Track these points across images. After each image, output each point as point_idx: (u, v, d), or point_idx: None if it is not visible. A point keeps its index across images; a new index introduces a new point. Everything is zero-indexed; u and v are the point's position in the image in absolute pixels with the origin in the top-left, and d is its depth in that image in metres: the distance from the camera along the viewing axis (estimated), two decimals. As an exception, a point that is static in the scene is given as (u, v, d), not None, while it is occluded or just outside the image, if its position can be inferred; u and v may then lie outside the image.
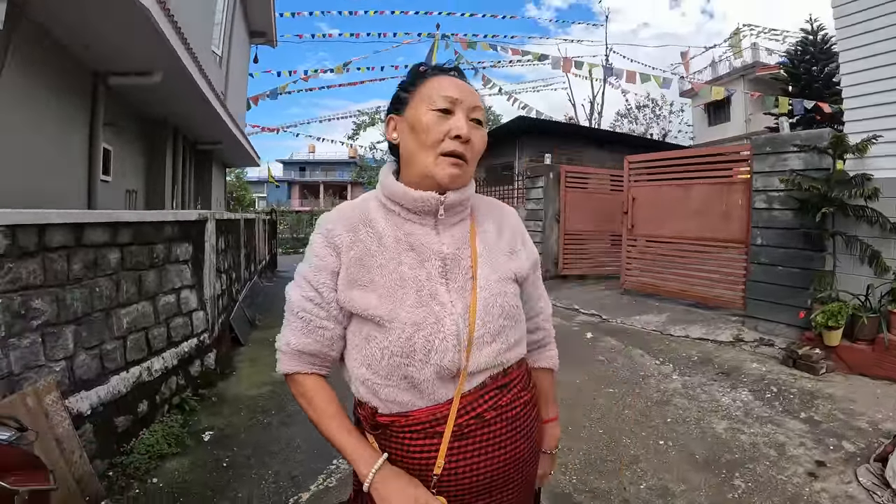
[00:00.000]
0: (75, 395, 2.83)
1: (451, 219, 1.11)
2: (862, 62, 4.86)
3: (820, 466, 3.04)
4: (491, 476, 1.06)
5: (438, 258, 1.07)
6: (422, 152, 1.05)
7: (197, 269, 4.35)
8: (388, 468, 1.02)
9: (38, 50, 4.59)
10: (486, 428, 1.05)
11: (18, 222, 2.52)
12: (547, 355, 1.34)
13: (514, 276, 1.15)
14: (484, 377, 1.07)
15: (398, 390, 1.03)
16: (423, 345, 1.00)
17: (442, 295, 1.04)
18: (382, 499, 0.98)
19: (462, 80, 1.11)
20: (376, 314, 1.01)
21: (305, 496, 2.83)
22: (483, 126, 1.11)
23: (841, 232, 4.87)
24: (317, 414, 1.08)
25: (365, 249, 1.06)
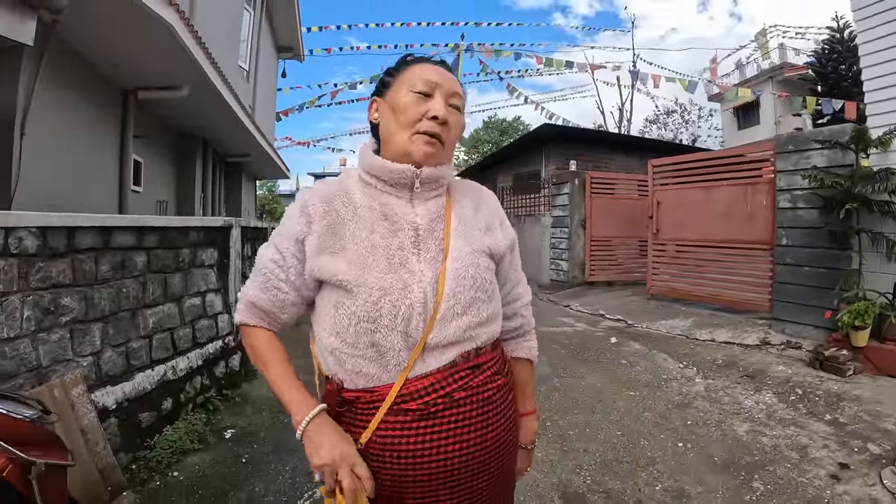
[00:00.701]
0: (101, 390, 2.95)
1: (426, 193, 1.13)
2: (881, 54, 4.78)
3: (843, 469, 2.95)
4: (463, 459, 1.05)
5: (412, 228, 1.09)
6: (400, 131, 1.09)
7: (222, 273, 4.47)
8: (324, 418, 1.03)
9: (68, 68, 4.82)
10: (455, 409, 1.04)
11: (48, 224, 2.67)
12: (525, 345, 1.32)
13: (489, 250, 1.15)
14: (454, 354, 1.05)
15: (364, 360, 1.03)
16: (390, 310, 1.00)
17: (412, 264, 1.05)
18: (314, 446, 0.99)
19: (441, 68, 1.15)
20: (345, 279, 1.02)
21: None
22: (461, 112, 1.15)
23: (866, 229, 4.75)
24: (262, 362, 1.11)
25: (338, 217, 1.08)
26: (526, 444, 1.31)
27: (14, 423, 1.58)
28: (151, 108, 6.64)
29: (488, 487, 1.11)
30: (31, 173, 4.10)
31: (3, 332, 2.40)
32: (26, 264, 2.54)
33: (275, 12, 11.49)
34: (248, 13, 9.35)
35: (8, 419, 1.56)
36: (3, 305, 2.41)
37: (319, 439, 0.99)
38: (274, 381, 1.09)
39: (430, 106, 1.08)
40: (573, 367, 4.98)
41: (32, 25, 3.01)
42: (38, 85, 4.10)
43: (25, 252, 2.54)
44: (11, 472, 1.44)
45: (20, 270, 2.51)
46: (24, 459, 1.48)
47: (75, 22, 3.97)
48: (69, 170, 4.97)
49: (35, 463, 1.50)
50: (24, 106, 4.01)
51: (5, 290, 2.43)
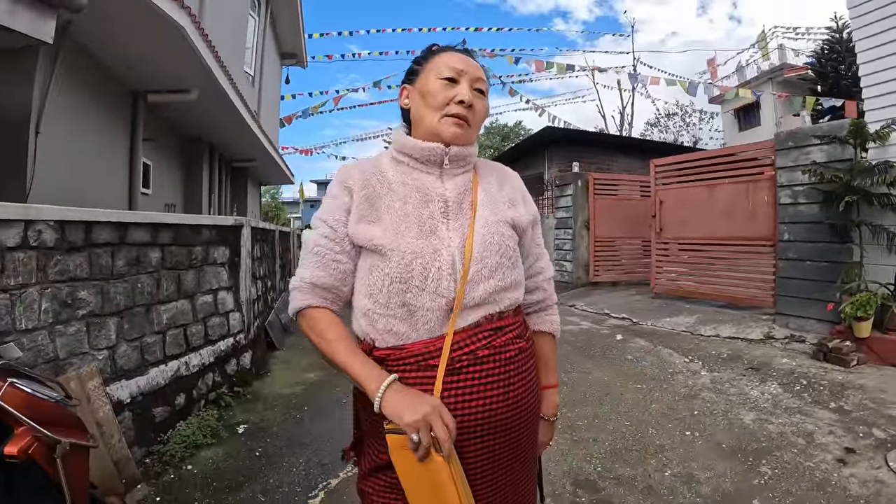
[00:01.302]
0: (116, 384, 3.00)
1: (454, 169, 1.21)
2: (877, 50, 4.86)
3: (849, 453, 3.00)
4: (486, 415, 1.08)
5: (441, 200, 1.16)
6: (429, 114, 1.18)
7: (233, 272, 4.54)
8: (398, 385, 1.04)
9: (81, 69, 4.90)
10: (478, 365, 1.09)
11: (67, 218, 2.73)
12: (548, 319, 1.37)
13: (513, 221, 1.22)
14: (479, 316, 1.11)
15: (395, 320, 1.09)
16: (421, 271, 1.07)
17: (442, 231, 1.13)
18: (401, 406, 0.99)
19: (467, 56, 1.23)
20: (380, 244, 1.09)
21: (334, 482, 2.91)
22: (485, 96, 1.23)
23: (866, 221, 4.80)
24: (326, 342, 1.11)
25: (374, 191, 1.16)
26: (548, 416, 1.36)
27: (39, 402, 1.60)
28: (160, 112, 6.73)
29: (512, 447, 1.14)
30: (45, 172, 4.17)
31: (21, 324, 2.44)
32: (45, 257, 2.60)
33: (279, 19, 11.61)
34: (253, 20, 9.47)
35: (34, 399, 1.57)
36: (22, 297, 2.46)
37: (405, 400, 1.00)
38: (343, 359, 1.08)
39: (457, 91, 1.17)
40: (580, 363, 5.02)
41: (52, 24, 3.08)
42: (52, 85, 4.18)
43: (44, 245, 2.59)
44: (37, 450, 1.46)
45: (39, 263, 2.56)
46: (51, 438, 1.50)
47: (89, 23, 4.04)
48: (82, 170, 5.04)
49: (60, 442, 1.52)
50: (39, 105, 4.09)
51: (24, 282, 2.48)
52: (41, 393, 1.66)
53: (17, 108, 4.02)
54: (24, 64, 4.02)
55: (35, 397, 1.60)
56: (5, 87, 3.99)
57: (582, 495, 2.71)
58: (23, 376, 1.66)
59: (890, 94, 4.77)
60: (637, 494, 2.70)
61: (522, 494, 1.22)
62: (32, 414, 1.50)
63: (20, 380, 1.59)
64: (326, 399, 4.26)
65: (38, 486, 1.50)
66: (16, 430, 1.45)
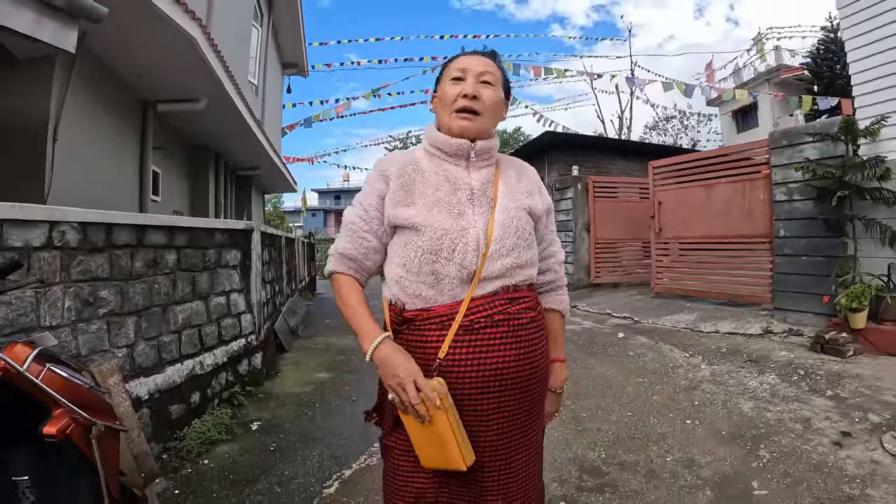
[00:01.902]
0: (135, 381, 3.11)
1: (479, 162, 1.38)
2: (866, 48, 5.01)
3: (845, 437, 3.10)
4: (497, 370, 1.24)
5: (468, 188, 1.34)
6: (443, 112, 1.37)
7: (245, 274, 4.65)
8: (390, 343, 1.23)
9: (95, 78, 5.04)
10: (494, 327, 1.24)
11: (89, 220, 2.84)
12: (558, 298, 1.53)
13: (529, 209, 1.38)
14: (497, 286, 1.27)
15: (424, 286, 1.26)
16: (449, 245, 1.25)
17: (468, 214, 1.30)
18: (385, 366, 1.20)
19: (475, 55, 1.40)
20: (415, 221, 1.27)
21: (348, 473, 3.00)
22: (495, 85, 1.38)
23: (859, 215, 4.93)
24: (343, 302, 1.34)
25: (409, 179, 1.33)
26: (555, 388, 1.50)
27: (75, 387, 1.66)
28: (168, 121, 6.87)
29: (520, 402, 1.29)
30: (61, 178, 4.30)
31: (45, 320, 2.55)
32: (68, 257, 2.71)
33: (280, 29, 11.78)
34: (256, 30, 9.63)
35: (70, 383, 1.64)
36: (47, 295, 2.57)
37: (390, 360, 1.20)
38: (353, 316, 1.30)
39: (462, 87, 1.33)
40: (583, 360, 5.13)
41: (75, 34, 3.21)
42: (68, 94, 4.33)
43: (67, 245, 2.71)
44: (74, 430, 1.52)
45: (62, 262, 2.68)
46: (87, 420, 1.58)
47: (103, 33, 4.17)
48: (95, 176, 5.17)
49: (96, 423, 1.60)
50: (56, 113, 4.24)
51: (49, 281, 2.59)
52: (76, 378, 1.76)
53: (35, 115, 4.17)
54: (41, 73, 4.18)
55: (71, 382, 1.67)
56: (25, 95, 4.15)
57: (587, 479, 2.81)
58: (59, 362, 1.75)
59: (879, 91, 4.90)
60: (640, 478, 2.80)
61: (528, 450, 1.35)
62: (69, 397, 1.56)
63: (57, 365, 1.69)
64: (337, 397, 4.37)
65: (74, 465, 1.57)
66: (54, 411, 1.52)
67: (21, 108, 4.16)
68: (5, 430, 1.49)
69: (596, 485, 2.75)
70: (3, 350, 1.45)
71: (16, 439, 1.49)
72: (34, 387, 1.45)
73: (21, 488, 1.47)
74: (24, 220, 2.49)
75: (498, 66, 1.41)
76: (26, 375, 1.43)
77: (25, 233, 2.50)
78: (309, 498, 2.72)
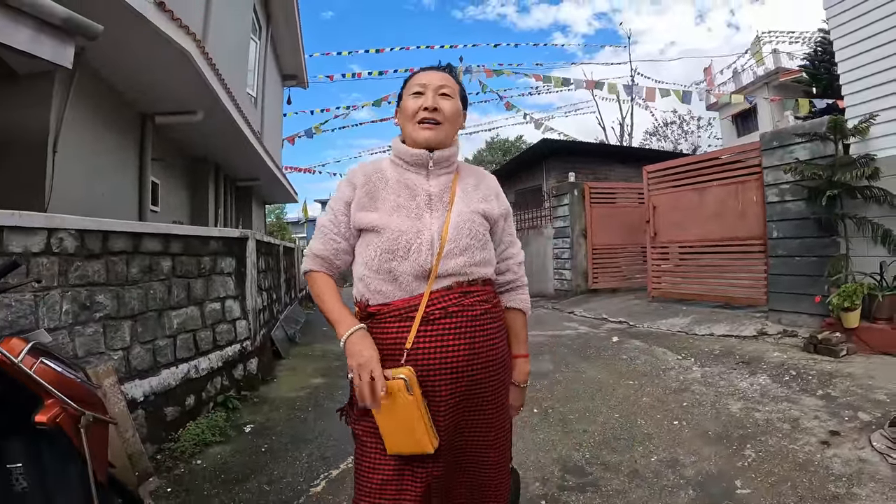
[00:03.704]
0: (130, 382, 3.19)
1: (438, 170, 1.49)
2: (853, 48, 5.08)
3: (833, 435, 3.10)
4: (454, 357, 1.34)
5: (426, 195, 1.45)
6: (407, 124, 1.48)
7: (240, 281, 4.73)
8: (361, 333, 1.34)
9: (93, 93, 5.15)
10: (448, 319, 1.35)
11: (87, 227, 2.95)
12: (517, 297, 1.62)
13: (484, 213, 1.49)
14: (451, 282, 1.38)
15: (384, 282, 1.38)
16: (405, 245, 1.36)
17: (425, 218, 1.41)
18: (350, 353, 1.31)
19: (433, 70, 1.53)
20: (376, 224, 1.39)
21: (335, 472, 3.06)
22: (453, 97, 1.49)
23: (850, 214, 4.96)
24: (318, 296, 1.47)
25: (374, 187, 1.46)
26: (518, 382, 1.59)
27: (67, 380, 1.74)
28: (167, 133, 6.98)
29: (476, 391, 1.39)
30: (61, 190, 4.40)
31: (44, 323, 2.64)
32: (66, 263, 2.81)
33: (279, 42, 11.94)
34: (254, 42, 9.78)
35: (62, 376, 1.72)
36: (45, 299, 2.66)
37: (354, 348, 1.31)
38: (327, 308, 1.42)
39: (422, 100, 1.45)
40: (575, 364, 5.16)
41: (71, 51, 3.31)
42: (67, 107, 4.44)
43: (65, 252, 2.81)
44: (64, 419, 1.61)
45: (60, 268, 2.78)
46: (77, 410, 1.65)
47: (100, 48, 4.28)
48: (95, 188, 5.28)
49: (84, 414, 1.67)
50: (56, 126, 4.36)
51: (47, 285, 2.69)
52: (69, 372, 1.83)
53: (35, 128, 4.29)
54: (41, 88, 4.30)
55: (64, 375, 1.75)
56: (25, 109, 4.27)
57: (569, 479, 2.85)
58: (53, 357, 1.83)
59: (867, 90, 4.95)
60: (622, 478, 2.83)
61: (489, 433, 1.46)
62: (61, 389, 1.64)
63: (50, 359, 1.76)
64: (329, 401, 4.42)
65: (63, 453, 1.65)
66: (45, 401, 1.60)
67: (21, 122, 4.28)
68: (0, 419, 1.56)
69: (578, 484, 2.79)
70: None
71: (10, 428, 1.57)
72: (27, 377, 1.53)
73: (14, 475, 1.54)
74: (24, 227, 2.60)
75: (455, 80, 1.53)
76: (20, 366, 1.51)
77: (25, 239, 2.60)
78: (296, 496, 2.78)
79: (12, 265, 1.81)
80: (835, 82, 14.74)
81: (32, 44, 3.18)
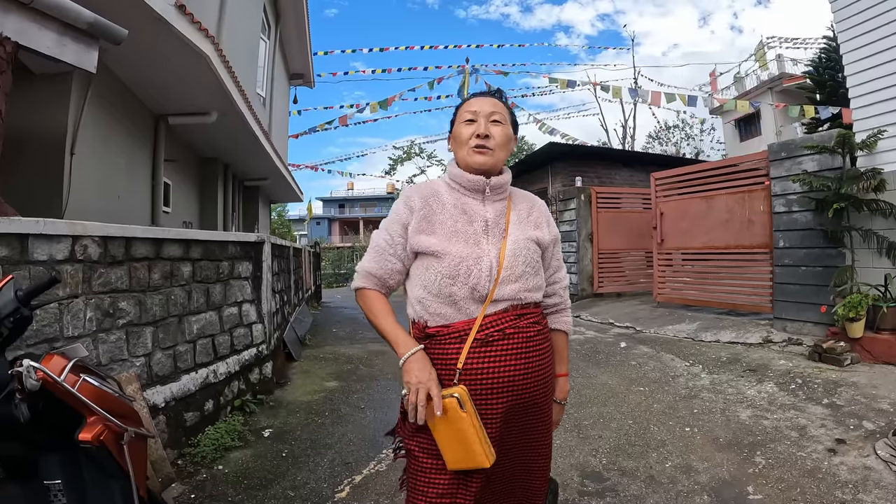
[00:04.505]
0: (152, 389, 3.22)
1: (494, 196, 1.56)
2: (863, 62, 5.14)
3: (840, 444, 3.19)
4: (509, 376, 1.42)
5: (483, 220, 1.52)
6: (459, 150, 1.56)
7: (256, 285, 4.78)
8: (421, 354, 1.40)
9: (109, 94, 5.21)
10: (505, 340, 1.43)
11: (110, 234, 2.97)
12: (562, 319, 1.71)
13: (537, 239, 1.57)
14: (507, 305, 1.46)
15: (443, 305, 1.45)
16: (465, 271, 1.43)
17: (483, 244, 1.48)
18: (408, 372, 1.37)
19: (483, 97, 1.60)
20: (436, 249, 1.45)
21: (358, 478, 3.10)
22: (503, 123, 1.56)
23: (857, 227, 5.03)
24: (374, 314, 1.50)
25: (431, 210, 1.52)
26: (560, 399, 1.69)
27: (106, 395, 1.75)
28: (179, 133, 7.04)
29: (527, 405, 1.48)
30: (77, 191, 4.45)
31: (68, 331, 2.67)
32: (89, 270, 2.83)
33: (287, 41, 11.99)
34: (263, 42, 9.82)
35: (101, 391, 1.72)
36: (69, 307, 2.69)
37: (413, 367, 1.37)
38: (383, 327, 1.47)
39: (475, 128, 1.53)
40: (585, 369, 5.23)
41: (96, 55, 3.35)
42: (85, 109, 4.48)
43: (89, 259, 2.83)
44: (107, 437, 1.61)
45: (84, 275, 2.80)
46: (120, 427, 1.66)
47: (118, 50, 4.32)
48: (110, 189, 5.33)
49: (127, 430, 1.69)
50: (73, 128, 4.40)
51: (71, 293, 2.71)
52: (105, 387, 1.85)
53: (52, 130, 4.33)
54: (58, 89, 4.35)
55: (103, 391, 1.75)
56: (44, 110, 4.30)
57: (588, 484, 2.92)
58: (90, 372, 1.85)
59: (875, 104, 5.02)
60: (640, 483, 2.91)
61: (538, 450, 1.56)
62: (102, 405, 1.64)
63: (89, 375, 1.78)
64: (345, 405, 4.48)
65: (105, 469, 1.66)
66: (88, 418, 1.60)
67: (38, 123, 4.31)
68: (40, 436, 1.57)
69: (597, 489, 2.86)
70: (40, 361, 1.53)
71: (49, 445, 1.59)
72: (70, 396, 1.54)
73: (53, 491, 1.55)
74: (48, 235, 2.61)
75: (504, 105, 1.59)
76: (63, 385, 1.51)
77: (49, 247, 2.61)
78: (322, 501, 2.83)
79: (52, 281, 1.80)
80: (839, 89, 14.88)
81: (57, 48, 3.21)
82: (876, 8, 5.00)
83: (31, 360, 1.53)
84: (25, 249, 2.51)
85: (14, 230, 2.45)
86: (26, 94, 4.28)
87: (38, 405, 1.52)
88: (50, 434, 1.58)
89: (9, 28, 2.83)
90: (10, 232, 2.44)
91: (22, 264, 2.48)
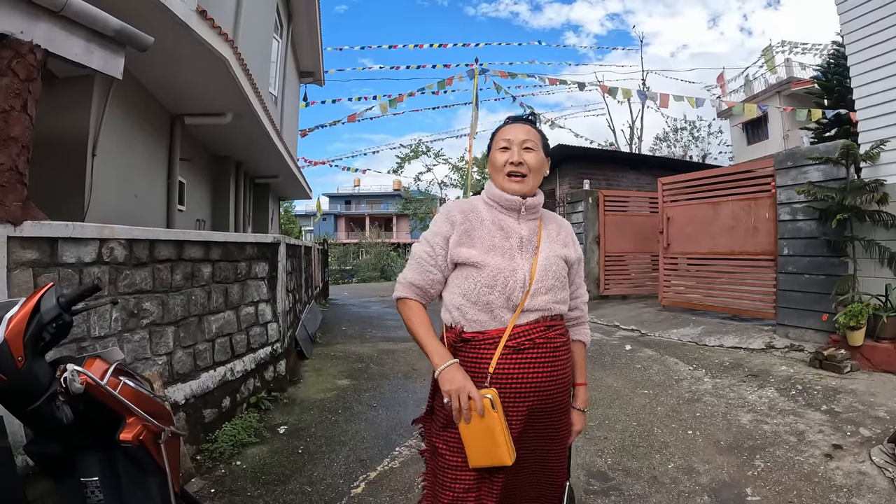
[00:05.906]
0: (173, 386, 3.34)
1: (528, 216, 1.70)
2: (869, 75, 5.22)
3: (836, 449, 3.30)
4: (536, 381, 1.56)
5: (518, 237, 1.66)
6: (496, 175, 1.71)
7: (272, 285, 4.91)
8: (457, 365, 1.52)
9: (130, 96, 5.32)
10: (535, 349, 1.57)
11: (135, 237, 3.09)
12: (582, 331, 1.86)
13: (565, 257, 1.71)
14: (537, 315, 1.59)
15: (480, 312, 1.58)
16: (502, 282, 1.57)
17: (517, 258, 1.62)
18: (446, 380, 1.49)
19: (517, 125, 1.73)
20: (476, 260, 1.59)
21: (373, 475, 3.22)
22: (536, 150, 1.69)
23: (859, 237, 5.13)
24: (414, 324, 1.62)
25: (471, 225, 1.65)
26: (580, 407, 1.83)
27: (143, 396, 1.84)
28: (193, 132, 7.14)
29: (550, 410, 1.62)
30: (97, 191, 4.56)
31: (95, 331, 2.80)
32: (115, 272, 2.96)
33: (299, 40, 12.04)
34: (276, 41, 9.91)
35: (139, 393, 1.81)
36: (96, 307, 2.77)
37: (451, 376, 1.49)
38: (422, 338, 1.59)
39: (508, 156, 1.67)
40: (591, 372, 5.32)
41: (122, 61, 3.43)
42: (106, 110, 4.60)
43: (115, 261, 2.95)
44: (146, 436, 1.71)
45: (111, 277, 2.93)
46: (157, 427, 1.76)
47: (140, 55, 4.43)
48: (127, 189, 5.44)
49: (164, 430, 1.78)
50: (95, 129, 4.51)
51: (98, 294, 2.82)
52: (141, 388, 1.91)
53: (76, 132, 4.44)
54: (80, 92, 4.45)
55: (140, 392, 1.84)
56: (67, 113, 4.41)
57: (594, 483, 3.04)
58: (127, 374, 1.88)
59: (881, 117, 5.10)
60: (643, 483, 3.03)
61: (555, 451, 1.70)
62: (140, 406, 1.73)
63: (127, 377, 1.81)
64: (358, 403, 4.60)
65: (144, 467, 1.75)
66: (127, 419, 1.69)
67: (63, 126, 4.40)
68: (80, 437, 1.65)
69: (602, 488, 2.98)
70: (82, 364, 1.62)
71: (88, 444, 1.67)
72: (112, 398, 1.63)
73: (90, 488, 1.64)
74: (77, 238, 2.72)
75: (537, 131, 1.73)
76: (106, 388, 1.61)
77: (78, 250, 2.72)
78: (338, 497, 2.95)
79: (93, 289, 1.88)
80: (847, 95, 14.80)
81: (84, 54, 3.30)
82: (882, 22, 5.08)
83: (75, 364, 1.61)
84: (55, 252, 2.61)
85: (45, 234, 2.56)
86: (50, 98, 4.35)
87: (80, 407, 1.61)
88: (90, 434, 1.66)
89: (38, 36, 2.92)
90: (41, 236, 2.54)
91: (52, 267, 2.59)
